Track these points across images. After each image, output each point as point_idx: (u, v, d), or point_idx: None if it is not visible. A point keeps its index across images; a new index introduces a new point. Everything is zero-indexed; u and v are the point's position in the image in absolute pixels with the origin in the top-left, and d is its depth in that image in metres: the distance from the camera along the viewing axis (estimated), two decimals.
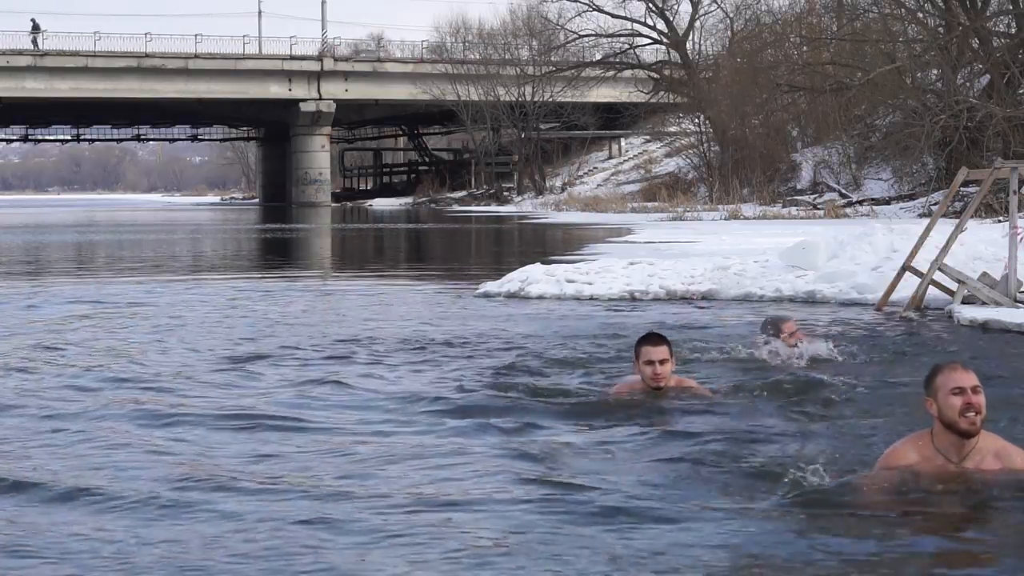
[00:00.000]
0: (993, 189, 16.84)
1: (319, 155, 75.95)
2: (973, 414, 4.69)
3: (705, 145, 52.42)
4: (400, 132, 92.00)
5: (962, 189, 12.20)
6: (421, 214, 56.74)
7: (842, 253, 14.44)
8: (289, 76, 72.81)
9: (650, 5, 59.14)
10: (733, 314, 12.01)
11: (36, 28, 67.38)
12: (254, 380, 8.08)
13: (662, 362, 6.66)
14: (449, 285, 16.21)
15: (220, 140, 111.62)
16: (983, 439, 4.79)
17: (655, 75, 60.99)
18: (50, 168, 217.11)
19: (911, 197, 36.59)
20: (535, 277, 14.24)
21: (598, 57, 62.35)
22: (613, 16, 60.09)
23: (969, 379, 4.74)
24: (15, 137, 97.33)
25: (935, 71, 36.95)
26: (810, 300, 13.00)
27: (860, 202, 37.75)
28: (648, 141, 68.15)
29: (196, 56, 70.17)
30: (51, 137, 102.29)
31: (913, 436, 4.90)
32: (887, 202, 36.99)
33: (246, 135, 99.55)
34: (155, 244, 30.49)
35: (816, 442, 5.85)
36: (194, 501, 4.98)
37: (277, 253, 26.65)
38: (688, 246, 22.62)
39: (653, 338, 6.78)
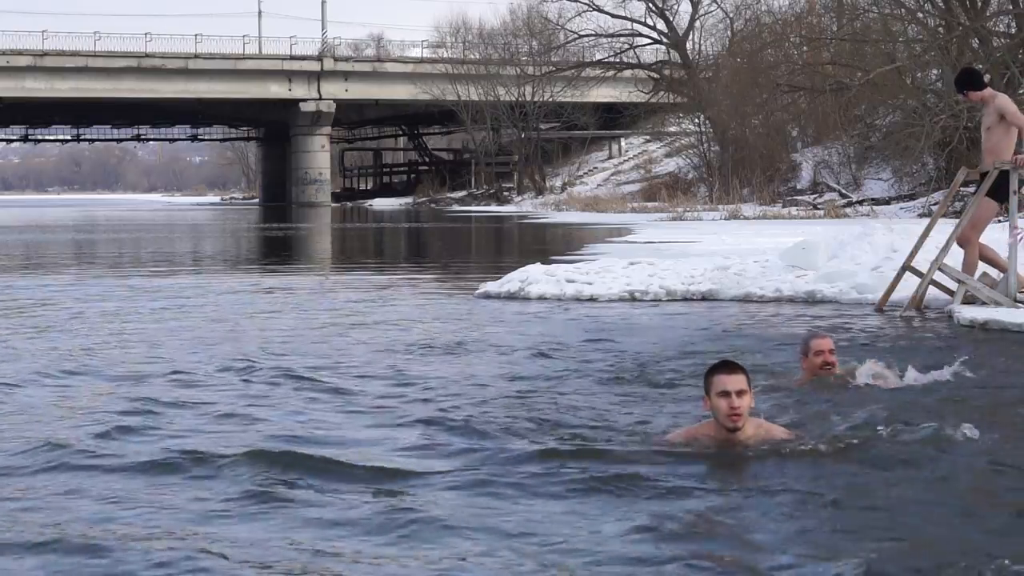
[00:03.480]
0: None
1: (319, 155, 76.03)
2: None
3: (705, 145, 52.46)
4: (400, 132, 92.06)
5: (962, 189, 12.19)
6: (421, 214, 56.75)
7: (842, 253, 14.43)
8: (289, 76, 72.88)
9: (650, 5, 59.19)
10: (735, 314, 12.01)
11: None
12: (244, 381, 8.05)
13: (739, 393, 5.41)
14: (449, 285, 16.21)
15: (220, 140, 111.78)
16: None
17: (655, 75, 61.02)
18: (50, 168, 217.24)
19: (911, 197, 36.61)
20: (535, 277, 14.22)
21: (598, 57, 62.37)
22: (613, 16, 60.21)
23: None
24: (15, 137, 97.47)
25: (935, 71, 36.95)
26: (810, 300, 12.99)
27: (860, 202, 37.77)
28: (648, 141, 68.19)
29: (196, 56, 70.26)
30: (51, 137, 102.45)
31: None
32: (887, 202, 37.01)
33: (246, 135, 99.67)
34: (156, 242, 30.51)
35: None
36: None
37: (278, 251, 26.65)
38: (688, 246, 22.61)
39: (728, 366, 5.55)
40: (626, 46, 61.36)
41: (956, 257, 11.89)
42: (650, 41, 61.17)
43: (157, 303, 13.40)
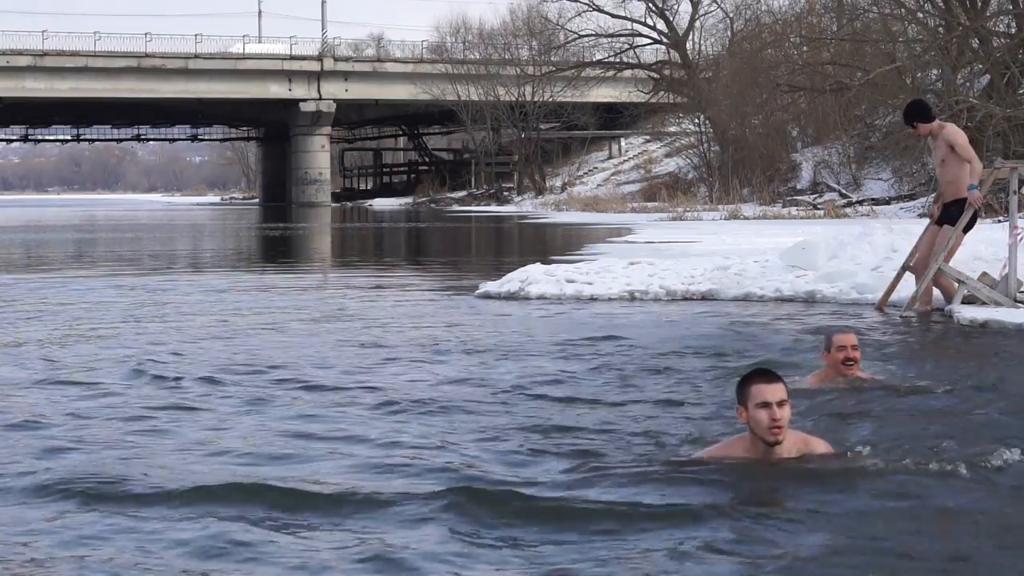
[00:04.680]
0: (993, 189, 16.84)
1: (319, 155, 76.03)
2: None
3: (705, 145, 52.44)
4: (400, 132, 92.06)
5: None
6: (421, 214, 56.75)
7: (842, 253, 14.42)
8: (289, 76, 72.89)
9: (650, 5, 59.18)
10: (740, 316, 12.00)
11: None
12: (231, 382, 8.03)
13: (780, 404, 4.91)
14: (449, 285, 16.20)
15: (220, 140, 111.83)
16: None
17: (655, 75, 61.01)
18: (50, 168, 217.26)
19: (911, 197, 36.59)
20: (535, 277, 14.22)
21: (598, 57, 62.37)
22: (613, 16, 60.19)
23: None
24: (15, 137, 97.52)
25: (935, 71, 36.93)
26: (810, 300, 12.99)
27: (860, 202, 37.77)
28: (648, 141, 68.17)
29: (196, 56, 70.25)
30: (51, 137, 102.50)
31: None
32: (887, 202, 37.01)
33: (246, 135, 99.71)
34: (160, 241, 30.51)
35: None
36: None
37: (278, 251, 26.63)
38: (688, 246, 22.60)
39: (766, 374, 5.04)
40: (626, 46, 61.36)
41: (956, 257, 11.89)
42: (650, 41, 61.18)
43: (141, 299, 13.40)
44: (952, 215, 11.59)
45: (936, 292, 11.95)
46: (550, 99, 65.60)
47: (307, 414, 6.77)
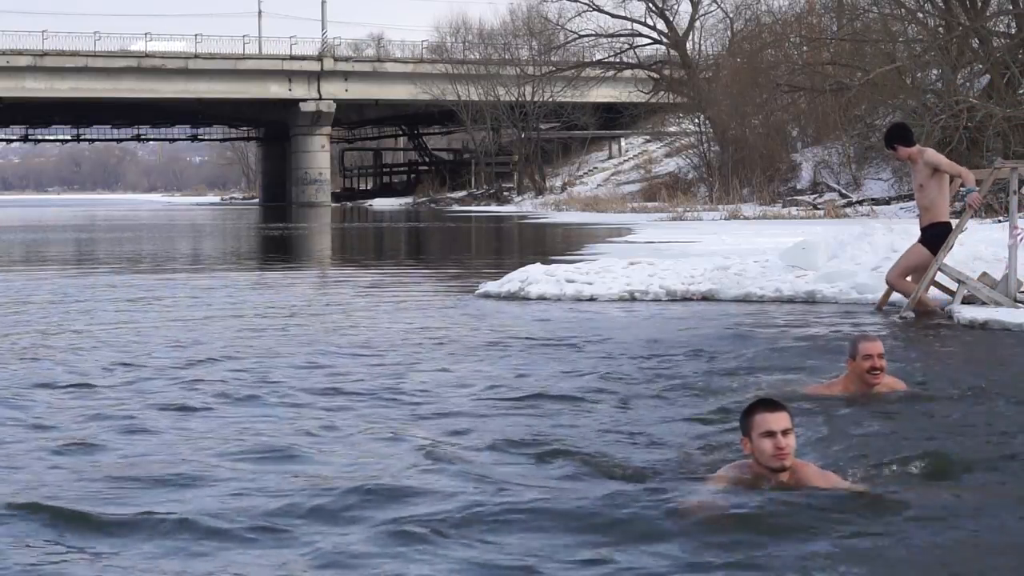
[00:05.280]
0: (993, 189, 16.84)
1: (319, 155, 76.03)
2: None
3: (705, 145, 52.43)
4: (400, 132, 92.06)
5: (960, 188, 12.25)
6: (421, 214, 56.74)
7: (842, 253, 14.42)
8: (289, 76, 72.90)
9: (650, 5, 59.16)
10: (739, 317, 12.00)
11: None
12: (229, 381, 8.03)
13: (785, 432, 4.85)
14: (448, 284, 16.19)
15: (220, 140, 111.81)
16: None
17: (655, 75, 61.01)
18: (50, 168, 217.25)
19: (911, 197, 36.52)
20: (535, 277, 14.21)
21: (598, 57, 62.36)
22: (613, 16, 60.16)
23: None
24: (15, 137, 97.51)
25: (935, 71, 36.93)
26: (810, 300, 12.99)
27: (860, 202, 37.78)
28: (648, 141, 68.16)
29: (196, 56, 70.27)
30: (51, 137, 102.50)
31: None
32: (887, 202, 37.01)
33: (246, 135, 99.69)
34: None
35: None
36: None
37: (278, 250, 26.62)
38: (688, 246, 22.60)
39: (769, 404, 5.00)
40: (626, 46, 61.35)
41: (956, 257, 11.89)
42: (650, 41, 61.16)
43: (137, 299, 13.40)
44: (929, 238, 11.65)
45: (936, 292, 11.94)
46: (550, 99, 65.60)
47: (299, 408, 6.78)
